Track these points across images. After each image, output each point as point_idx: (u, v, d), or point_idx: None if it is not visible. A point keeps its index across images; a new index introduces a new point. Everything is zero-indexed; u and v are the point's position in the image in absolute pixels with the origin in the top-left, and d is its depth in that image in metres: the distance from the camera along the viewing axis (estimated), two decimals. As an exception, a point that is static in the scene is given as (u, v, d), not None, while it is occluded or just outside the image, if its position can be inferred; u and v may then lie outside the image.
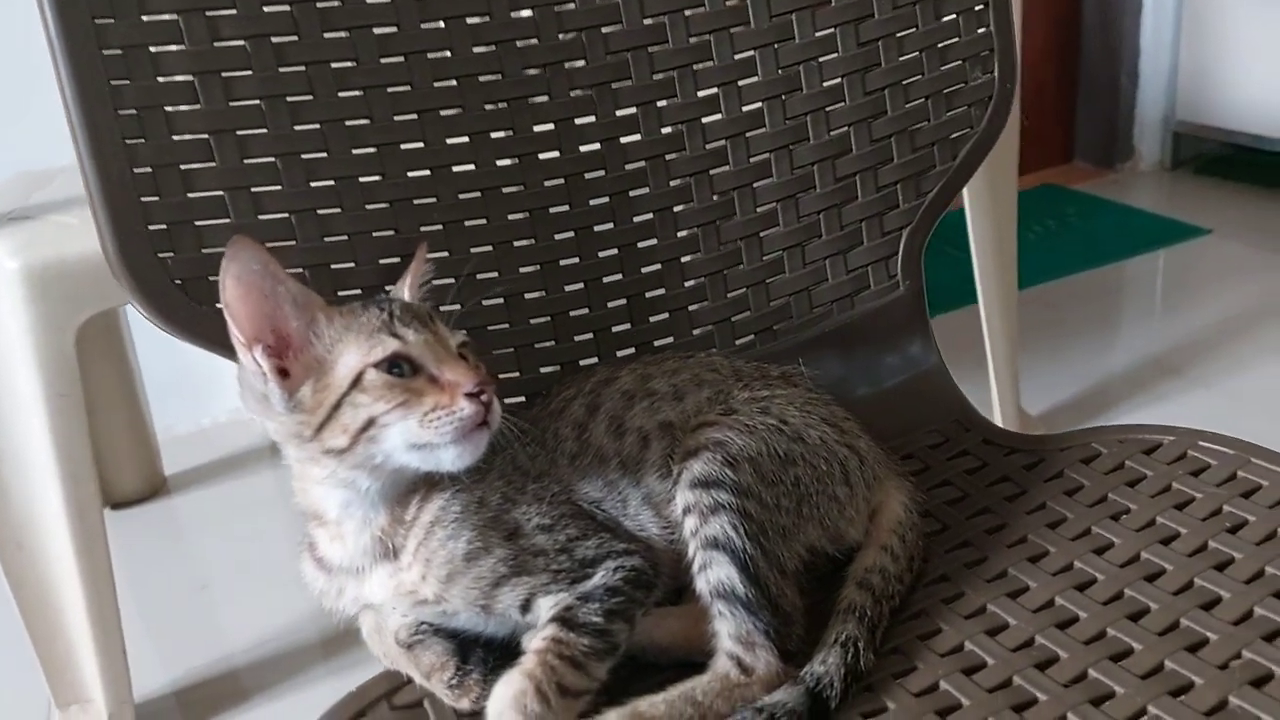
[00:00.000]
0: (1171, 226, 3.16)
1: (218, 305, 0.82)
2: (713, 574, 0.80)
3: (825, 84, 1.09)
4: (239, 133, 0.90)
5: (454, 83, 0.97)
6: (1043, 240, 3.15)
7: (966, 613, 0.86)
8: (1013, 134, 1.97)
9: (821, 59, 1.08)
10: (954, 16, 1.12)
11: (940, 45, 1.12)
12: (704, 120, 1.07)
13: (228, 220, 0.90)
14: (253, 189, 0.91)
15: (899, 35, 1.10)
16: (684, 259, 1.08)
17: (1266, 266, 2.94)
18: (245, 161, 0.90)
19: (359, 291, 0.94)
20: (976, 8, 1.13)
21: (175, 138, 0.88)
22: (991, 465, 1.04)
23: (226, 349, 0.84)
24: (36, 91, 0.87)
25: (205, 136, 0.89)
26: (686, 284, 1.09)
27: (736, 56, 1.06)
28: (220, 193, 0.90)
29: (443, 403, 0.76)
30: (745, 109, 1.08)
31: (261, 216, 0.91)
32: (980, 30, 1.13)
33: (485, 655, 0.81)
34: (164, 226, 0.88)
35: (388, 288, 0.92)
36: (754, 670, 0.78)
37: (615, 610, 0.78)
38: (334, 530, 0.82)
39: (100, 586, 1.51)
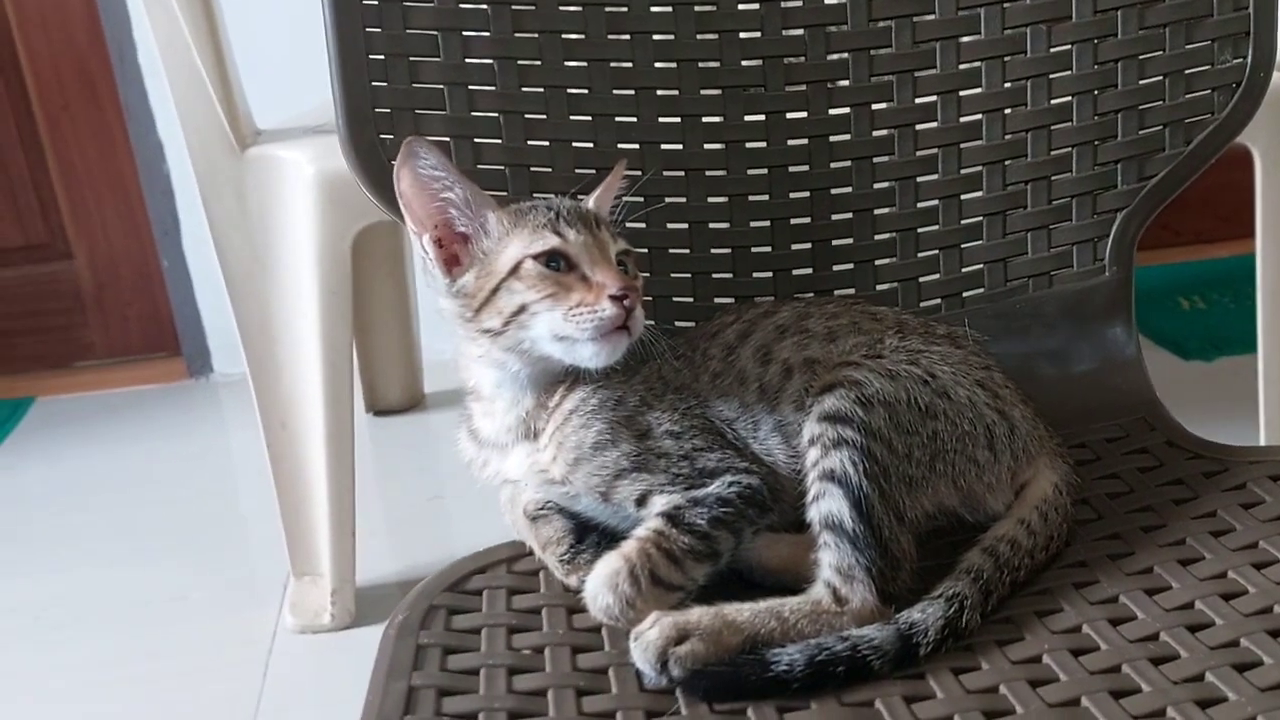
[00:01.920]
0: None
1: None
2: (824, 505, 0.80)
3: (1052, 50, 1.05)
4: (464, 33, 0.97)
5: (669, 8, 1.01)
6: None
7: (1095, 599, 0.82)
8: None
9: (1051, 23, 1.04)
10: (1210, -10, 1.05)
11: (1188, 20, 1.04)
12: (916, 74, 1.05)
13: (443, 112, 0.98)
14: (469, 86, 0.98)
15: (1141, 4, 1.04)
16: (877, 211, 1.07)
17: None
18: (466, 60, 0.98)
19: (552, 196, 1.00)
20: (1237, -17, 1.05)
21: (408, 30, 0.96)
22: (1167, 466, 0.97)
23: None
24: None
25: (434, 32, 0.97)
26: (877, 237, 1.08)
27: (960, 11, 1.04)
28: (440, 86, 0.98)
29: (587, 300, 0.82)
30: (962, 67, 1.05)
31: (474, 113, 0.98)
32: (1237, 9, 1.04)
33: (599, 540, 0.85)
34: (388, 111, 0.97)
35: (580, 196, 0.97)
36: (848, 602, 0.78)
37: (721, 519, 0.81)
38: (487, 406, 0.89)
39: (341, 474, 1.65)
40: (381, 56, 0.96)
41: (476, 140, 0.99)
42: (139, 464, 2.35)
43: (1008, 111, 1.06)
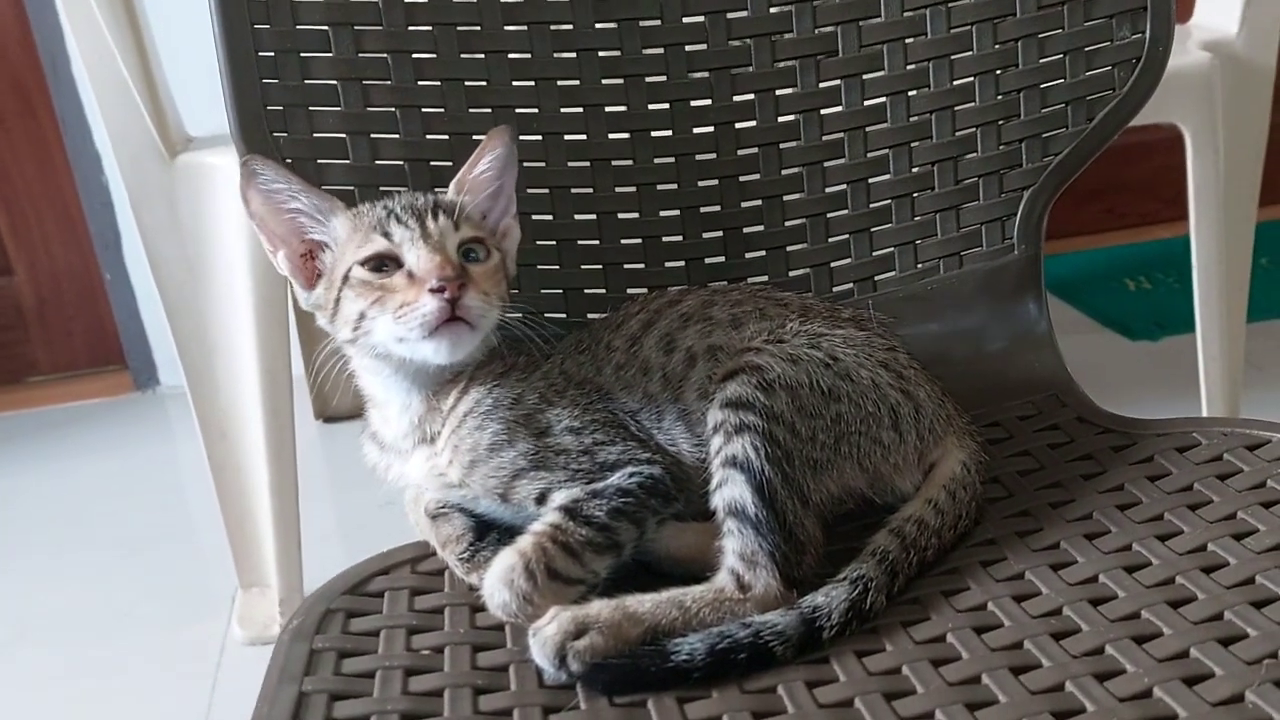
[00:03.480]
0: None
1: (323, 187, 0.90)
2: (727, 491, 0.79)
3: (952, 30, 1.05)
4: (356, 27, 0.96)
5: (567, -5, 1.00)
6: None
7: (1001, 576, 0.82)
8: (1255, 150, 1.80)
9: (950, 4, 1.04)
10: (1105, -33, 1.06)
11: (1085, -2, 1.05)
12: (819, 59, 1.05)
13: (338, 108, 0.96)
14: (364, 81, 0.96)
15: (1039, -17, 1.04)
16: (786, 197, 1.07)
17: None
18: (359, 54, 0.96)
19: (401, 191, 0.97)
20: (1132, -41, 1.06)
21: (298, 26, 0.95)
22: (1078, 442, 0.98)
23: (321, 226, 0.91)
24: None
25: (325, 27, 0.95)
26: (787, 223, 1.07)
27: (859, -7, 1.04)
28: (334, 82, 0.96)
29: (409, 298, 0.80)
30: (864, 50, 1.05)
31: (370, 108, 0.97)
32: (1133, -17, 1.05)
33: (500, 537, 0.84)
34: (280, 108, 0.95)
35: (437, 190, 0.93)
36: (751, 588, 0.77)
37: (621, 510, 0.80)
38: (382, 411, 0.88)
39: (284, 481, 1.63)
40: (271, 54, 0.94)
41: (374, 135, 0.97)
42: (86, 479, 2.31)
43: (911, 93, 1.06)
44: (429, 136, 0.99)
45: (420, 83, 0.98)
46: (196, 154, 1.56)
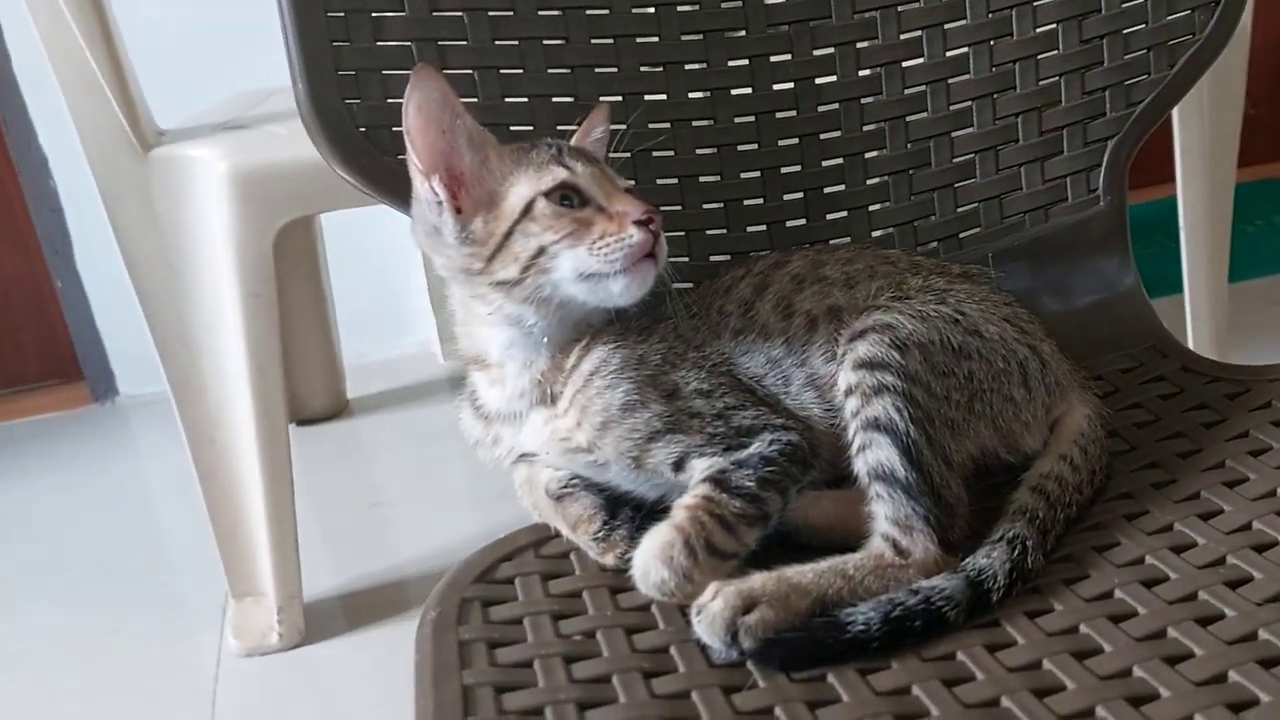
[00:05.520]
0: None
1: (399, 156, 0.84)
2: (872, 455, 0.76)
3: (1036, -24, 1.02)
4: (430, -16, 0.90)
5: (646, -49, 0.95)
6: (1262, 238, 2.88)
7: (1150, 529, 0.79)
8: (1235, 116, 1.82)
9: (1033, -52, 1.01)
10: (1184, -90, 1.03)
11: (1167, -60, 1.03)
12: (899, 9, 1.01)
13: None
14: (439, 42, 0.91)
15: (1122, -75, 1.02)
16: (868, 155, 1.04)
17: None
18: (434, 13, 0.91)
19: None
20: (1212, -98, 1.04)
21: (369, -16, 0.89)
22: (1189, 392, 0.96)
23: (401, 199, 0.86)
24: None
25: (398, -16, 0.89)
26: (869, 182, 1.04)
27: (940, -59, 1.01)
28: (408, 43, 0.90)
29: (610, 230, 0.76)
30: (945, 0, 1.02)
31: (445, 71, 0.91)
32: (1214, -74, 1.03)
33: (633, 514, 0.80)
34: (352, 72, 0.89)
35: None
36: (910, 554, 0.74)
37: (768, 479, 0.76)
38: (495, 374, 0.83)
39: (279, 484, 1.56)
40: (341, 14, 0.88)
41: (451, 99, 0.92)
42: (50, 497, 2.22)
43: (993, 43, 1.03)
44: (507, 100, 0.93)
45: (496, 42, 0.93)
46: (172, 147, 1.50)
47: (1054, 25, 1.03)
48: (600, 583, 0.77)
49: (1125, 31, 1.04)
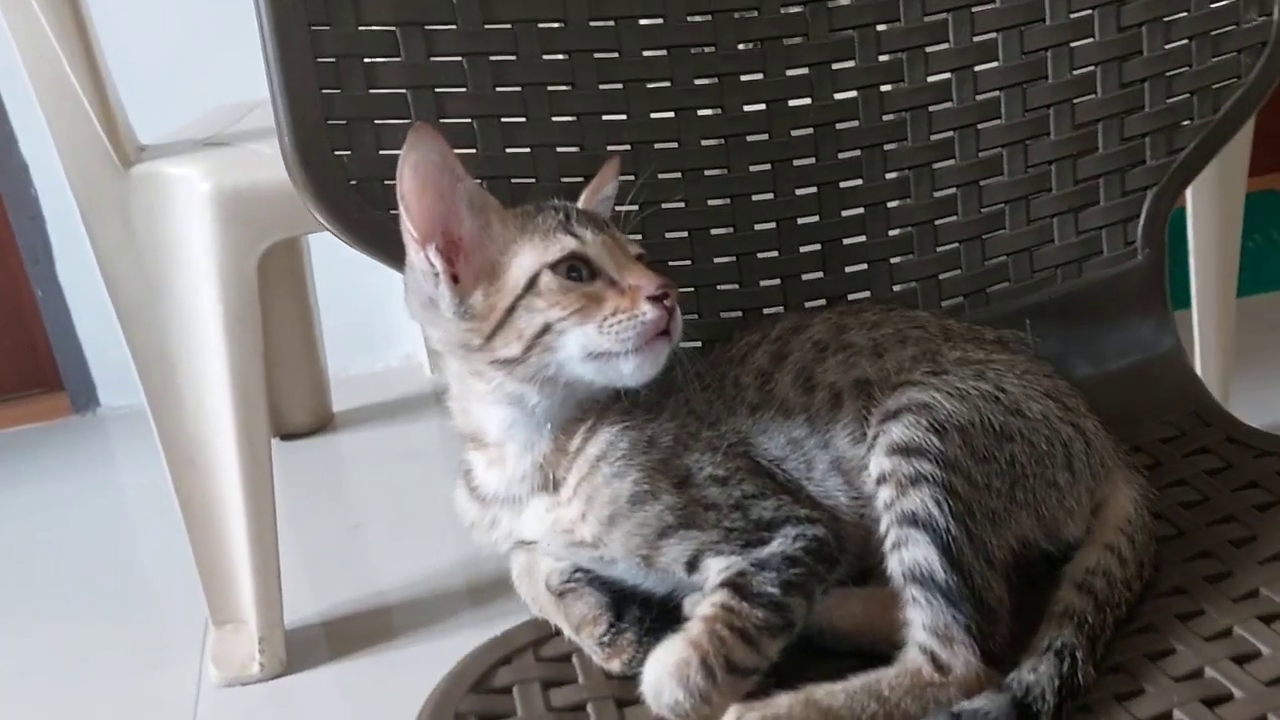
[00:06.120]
0: None
1: (391, 211, 0.77)
2: (908, 554, 0.69)
3: (1072, 16, 0.96)
4: (427, 27, 0.83)
5: (659, -9, 0.88)
6: (1264, 250, 2.82)
7: (1208, 634, 0.72)
8: (1246, 128, 1.75)
9: (1071, -12, 0.95)
10: (1231, -53, 0.97)
11: (1213, -22, 0.96)
12: (928, 49, 0.95)
13: (408, 120, 0.84)
14: (436, 89, 0.84)
15: (1164, -36, 0.95)
16: (890, 204, 0.97)
17: None
18: (431, 59, 0.84)
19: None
20: (1259, -62, 0.97)
21: (361, 27, 0.82)
22: (1236, 468, 0.89)
23: (395, 257, 0.79)
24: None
25: (392, 28, 0.83)
26: (891, 233, 0.97)
27: (972, -21, 0.94)
28: (403, 90, 0.83)
29: (623, 306, 0.70)
30: (976, 39, 0.95)
31: (443, 120, 0.84)
32: (1263, -37, 0.97)
33: (642, 614, 0.73)
34: (343, 122, 0.82)
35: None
36: (951, 669, 0.67)
37: (793, 583, 0.69)
38: (493, 454, 0.76)
39: (261, 510, 1.51)
40: (332, 59, 0.81)
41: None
42: (25, 511, 2.15)
43: (1027, 86, 0.96)
44: (508, 150, 0.87)
45: (498, 89, 0.86)
46: (152, 164, 1.44)
47: (1092, 68, 0.96)
48: (606, 693, 0.70)
49: (1168, 74, 0.97)
